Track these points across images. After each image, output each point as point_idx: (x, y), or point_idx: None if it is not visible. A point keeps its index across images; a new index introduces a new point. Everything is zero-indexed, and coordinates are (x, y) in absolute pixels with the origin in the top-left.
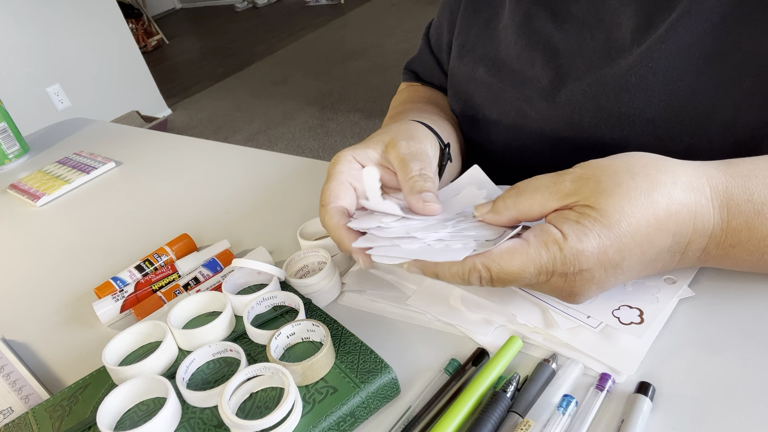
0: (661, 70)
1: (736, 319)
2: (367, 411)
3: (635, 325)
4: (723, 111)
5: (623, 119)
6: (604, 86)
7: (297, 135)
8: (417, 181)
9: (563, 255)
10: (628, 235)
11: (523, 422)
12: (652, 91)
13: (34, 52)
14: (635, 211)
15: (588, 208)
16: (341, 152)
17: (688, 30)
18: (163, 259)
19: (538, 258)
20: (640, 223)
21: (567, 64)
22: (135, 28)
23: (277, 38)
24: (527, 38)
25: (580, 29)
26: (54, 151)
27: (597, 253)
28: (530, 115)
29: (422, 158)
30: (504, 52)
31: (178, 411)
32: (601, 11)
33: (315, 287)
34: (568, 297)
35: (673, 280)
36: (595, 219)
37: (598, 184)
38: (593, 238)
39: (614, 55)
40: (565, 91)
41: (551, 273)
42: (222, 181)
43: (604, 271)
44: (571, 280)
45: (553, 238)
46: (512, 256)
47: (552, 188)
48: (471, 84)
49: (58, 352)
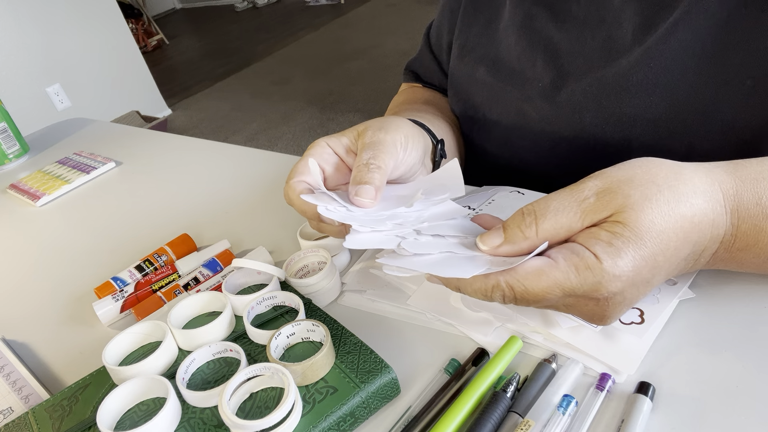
0: (662, 69)
1: (736, 320)
2: (367, 411)
3: (636, 324)
4: (724, 111)
5: (624, 119)
6: (605, 86)
7: (297, 135)
8: (360, 170)
9: (596, 281)
10: (661, 253)
11: (523, 422)
12: (654, 90)
13: (34, 52)
14: (667, 227)
15: (619, 226)
16: (318, 139)
17: (690, 29)
18: (163, 259)
19: (566, 282)
20: (671, 238)
21: (568, 64)
22: (135, 28)
23: (277, 38)
24: (528, 38)
25: (581, 29)
26: (54, 151)
27: (632, 276)
28: (531, 115)
29: (381, 148)
30: (504, 53)
31: (178, 411)
32: (602, 11)
33: (315, 287)
34: (599, 320)
35: (674, 281)
36: (628, 238)
37: (626, 198)
38: (629, 261)
39: (615, 55)
40: (566, 91)
41: (579, 296)
42: (222, 181)
43: (637, 290)
44: (603, 304)
45: (585, 263)
46: (539, 278)
47: (576, 208)
48: (471, 84)
49: (58, 352)
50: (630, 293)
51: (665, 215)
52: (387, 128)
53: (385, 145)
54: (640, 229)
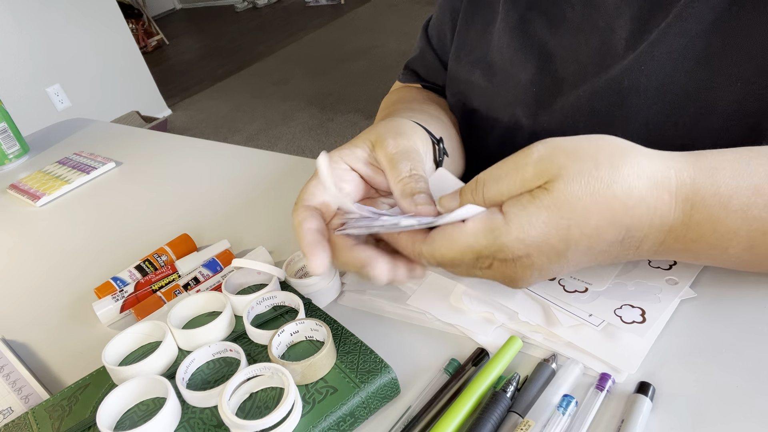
0: (654, 73)
1: (736, 320)
2: (367, 411)
3: (637, 324)
4: (714, 114)
5: (617, 123)
6: (599, 91)
7: (297, 135)
8: (408, 183)
9: (501, 242)
10: (576, 226)
11: (523, 422)
12: (645, 94)
13: (34, 52)
14: (591, 203)
15: (543, 192)
16: (327, 153)
17: (680, 33)
18: (163, 259)
19: (475, 243)
20: (593, 216)
21: (561, 69)
22: (135, 29)
23: (277, 38)
24: (521, 43)
25: (575, 34)
26: (54, 151)
27: (538, 242)
28: (524, 120)
29: (412, 157)
30: (497, 56)
31: (178, 411)
32: (596, 16)
33: (315, 287)
34: (510, 282)
35: (675, 281)
36: (544, 205)
37: (560, 169)
38: (538, 226)
39: (609, 61)
40: (560, 96)
41: (491, 258)
42: (222, 181)
43: (546, 258)
44: (511, 266)
45: (492, 224)
46: (451, 243)
47: (515, 175)
48: (467, 87)
49: (58, 352)
50: (538, 260)
51: (593, 192)
52: (404, 134)
53: (417, 152)
54: (559, 199)
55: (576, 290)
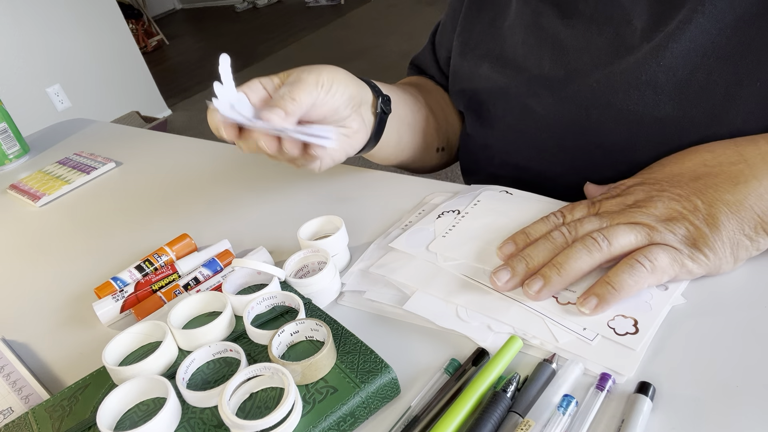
0: (672, 68)
1: (736, 320)
2: (367, 411)
3: (630, 335)
4: (733, 112)
5: (631, 117)
6: (613, 83)
7: None
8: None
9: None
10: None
11: (523, 422)
12: (663, 89)
13: (34, 52)
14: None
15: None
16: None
17: (700, 29)
18: (163, 259)
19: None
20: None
21: (575, 61)
22: (135, 29)
23: (278, 39)
24: (535, 35)
25: (588, 25)
26: (54, 151)
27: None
28: (536, 111)
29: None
30: (510, 50)
31: (178, 411)
32: (609, 8)
33: (315, 287)
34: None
35: (665, 287)
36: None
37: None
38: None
39: (623, 52)
40: (573, 87)
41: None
42: (222, 181)
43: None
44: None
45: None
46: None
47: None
48: (475, 80)
49: (58, 352)
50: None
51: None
52: (311, 70)
53: (306, 84)
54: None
55: (569, 302)
